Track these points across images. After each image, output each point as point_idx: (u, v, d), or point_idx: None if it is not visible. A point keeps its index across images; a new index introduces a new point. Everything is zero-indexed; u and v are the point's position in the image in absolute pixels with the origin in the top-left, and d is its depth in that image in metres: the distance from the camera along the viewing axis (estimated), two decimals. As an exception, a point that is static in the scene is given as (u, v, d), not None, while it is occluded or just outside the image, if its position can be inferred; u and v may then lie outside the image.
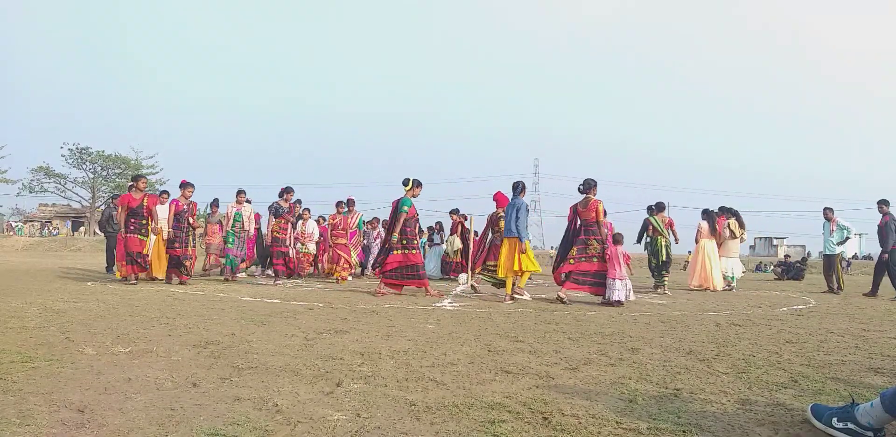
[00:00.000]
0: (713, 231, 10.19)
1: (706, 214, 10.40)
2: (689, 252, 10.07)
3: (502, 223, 7.61)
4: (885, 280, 9.94)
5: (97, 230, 44.49)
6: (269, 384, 2.55)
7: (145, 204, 8.67)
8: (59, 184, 47.04)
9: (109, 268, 11.30)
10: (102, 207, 47.83)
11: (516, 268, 7.10)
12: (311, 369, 2.86)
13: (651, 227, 9.74)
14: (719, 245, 10.27)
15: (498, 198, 8.25)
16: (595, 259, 7.13)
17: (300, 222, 10.65)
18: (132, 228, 8.52)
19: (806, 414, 2.23)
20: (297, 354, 3.23)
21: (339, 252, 10.10)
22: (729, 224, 10.31)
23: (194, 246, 9.43)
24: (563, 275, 7.33)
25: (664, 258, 9.56)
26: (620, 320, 5.42)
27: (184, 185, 9.30)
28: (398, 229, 7.35)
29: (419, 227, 9.21)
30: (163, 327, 4.07)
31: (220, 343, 3.47)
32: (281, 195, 10.23)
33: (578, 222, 7.48)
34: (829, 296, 9.82)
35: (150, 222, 8.73)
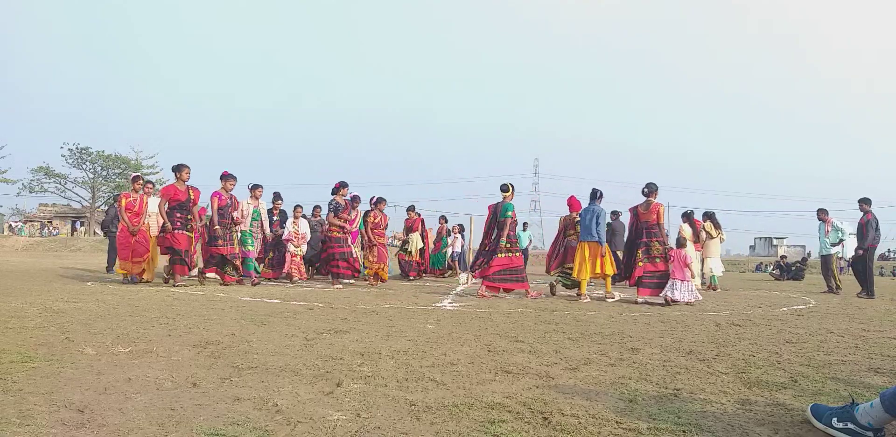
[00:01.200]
0: (694, 233, 10.57)
1: (686, 216, 10.88)
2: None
3: (578, 227, 8.09)
4: (885, 280, 9.98)
5: (97, 230, 44.51)
6: (269, 384, 2.55)
7: (192, 197, 8.00)
8: (60, 184, 47.09)
9: (110, 268, 11.29)
10: (104, 207, 47.90)
11: (598, 271, 7.60)
12: (311, 369, 2.86)
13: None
14: (701, 247, 10.79)
15: (571, 202, 8.48)
16: (658, 260, 7.47)
17: (290, 220, 10.14)
18: (179, 224, 7.82)
19: (806, 414, 2.23)
20: (297, 354, 3.23)
21: (382, 252, 9.51)
22: (704, 227, 10.85)
23: (241, 244, 8.64)
24: (636, 279, 7.61)
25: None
26: (620, 320, 5.42)
27: (225, 177, 8.40)
28: (506, 233, 7.60)
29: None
30: (163, 327, 4.07)
31: (220, 343, 3.47)
32: (336, 191, 9.26)
33: (638, 225, 7.84)
34: (829, 296, 9.84)
35: (195, 218, 8.14)
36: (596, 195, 7.96)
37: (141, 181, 8.89)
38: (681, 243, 7.69)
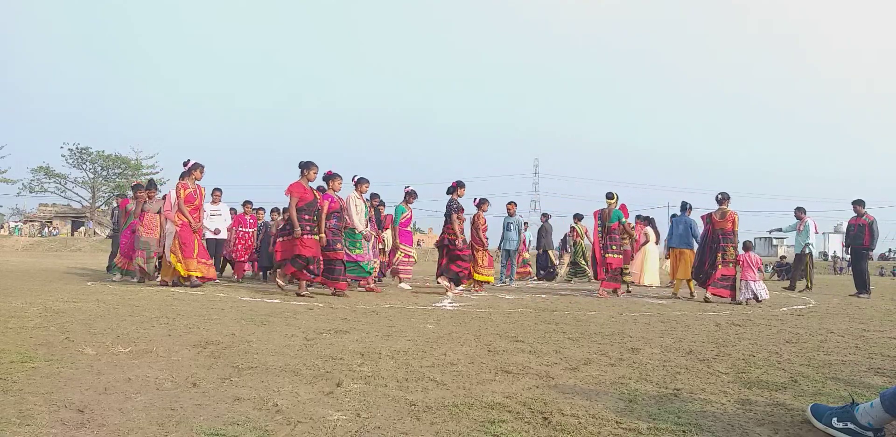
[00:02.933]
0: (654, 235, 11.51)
1: (648, 220, 11.67)
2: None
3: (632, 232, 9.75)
4: (886, 280, 10.03)
5: (97, 230, 44.47)
6: (269, 384, 2.55)
7: (318, 197, 7.23)
8: (60, 184, 47.11)
9: (110, 268, 11.29)
10: (104, 207, 47.85)
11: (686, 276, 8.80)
12: (311, 369, 2.86)
13: (575, 232, 12.94)
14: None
15: (623, 209, 9.19)
16: (731, 264, 8.10)
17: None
18: (308, 227, 6.98)
19: (806, 414, 2.23)
20: (297, 354, 3.23)
21: (489, 255, 8.87)
22: (645, 232, 11.55)
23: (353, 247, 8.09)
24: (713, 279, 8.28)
25: (581, 258, 12.84)
26: (620, 320, 5.42)
27: (331, 176, 7.52)
28: (620, 236, 8.70)
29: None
30: (163, 327, 4.07)
31: (220, 343, 3.47)
32: (454, 190, 8.38)
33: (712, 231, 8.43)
34: (830, 296, 9.84)
35: (322, 222, 7.26)
36: (686, 207, 9.48)
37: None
38: (747, 246, 8.55)
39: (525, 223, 12.89)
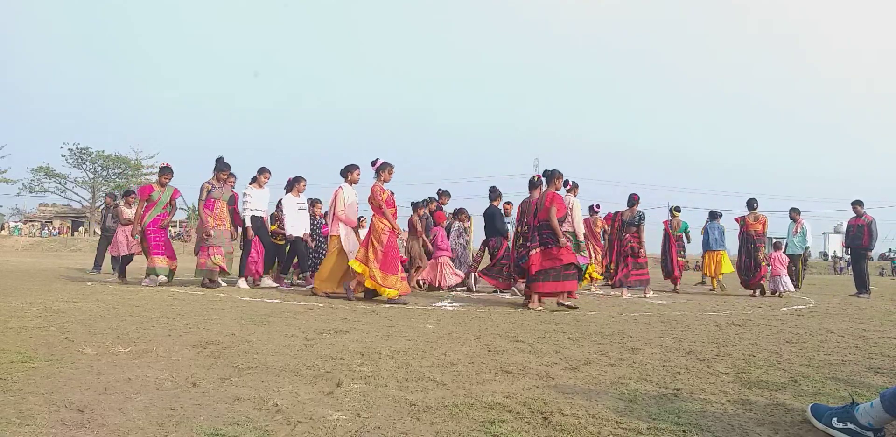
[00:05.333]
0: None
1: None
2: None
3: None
4: (886, 280, 10.05)
5: (97, 230, 44.51)
6: (269, 384, 2.55)
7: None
8: (60, 184, 47.10)
9: (97, 267, 11.18)
10: (103, 206, 47.83)
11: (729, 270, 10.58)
12: (311, 369, 2.86)
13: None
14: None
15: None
16: (765, 263, 9.65)
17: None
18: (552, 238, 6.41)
19: (806, 414, 2.23)
20: (297, 354, 3.23)
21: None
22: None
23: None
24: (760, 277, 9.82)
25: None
26: (620, 320, 5.42)
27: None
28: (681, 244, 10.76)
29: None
30: (163, 327, 4.07)
31: (220, 343, 3.47)
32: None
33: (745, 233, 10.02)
34: (829, 296, 9.85)
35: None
36: (717, 215, 11.12)
37: (389, 171, 6.97)
38: (777, 246, 10.10)
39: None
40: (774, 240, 10.40)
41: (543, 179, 6.72)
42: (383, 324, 4.59)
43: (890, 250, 48.53)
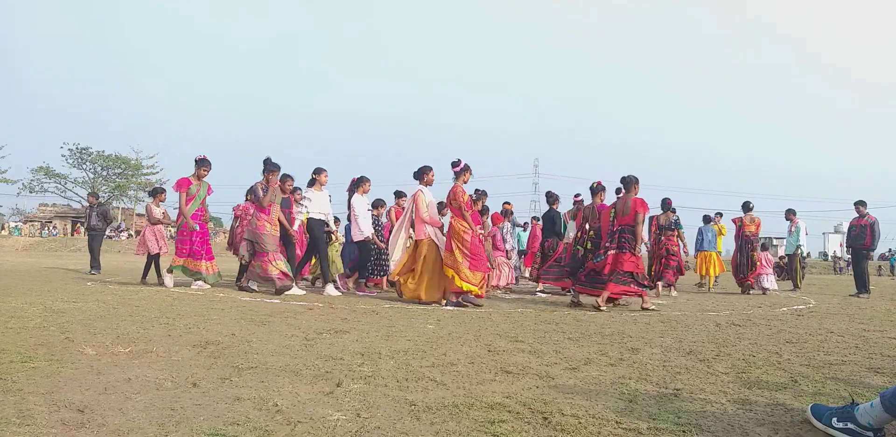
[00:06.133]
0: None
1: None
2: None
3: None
4: (885, 280, 10.06)
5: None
6: (269, 384, 2.55)
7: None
8: (60, 184, 47.10)
9: (95, 267, 10.95)
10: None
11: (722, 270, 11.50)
12: (311, 369, 2.86)
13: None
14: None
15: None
16: (759, 262, 10.27)
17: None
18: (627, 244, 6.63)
19: (806, 414, 2.23)
20: (297, 354, 3.23)
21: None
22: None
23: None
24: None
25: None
26: (620, 320, 5.42)
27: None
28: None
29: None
30: (163, 327, 4.07)
31: (220, 343, 3.47)
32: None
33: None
34: (829, 296, 9.85)
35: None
36: (710, 219, 11.56)
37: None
38: (764, 246, 10.80)
39: (525, 224, 12.86)
40: (762, 241, 11.09)
41: (604, 186, 7.72)
42: (383, 324, 4.59)
43: (890, 250, 48.52)
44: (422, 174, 6.89)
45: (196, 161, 7.49)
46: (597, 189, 7.67)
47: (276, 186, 7.28)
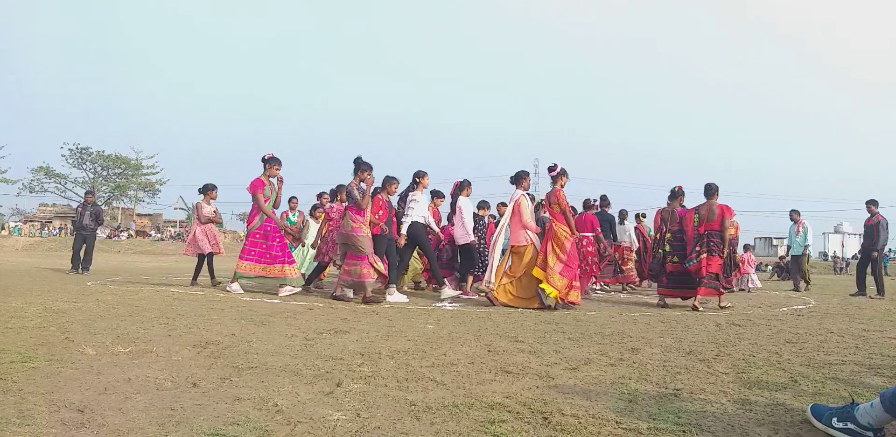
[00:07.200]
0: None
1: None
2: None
3: None
4: (885, 280, 10.06)
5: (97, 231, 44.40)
6: (269, 384, 2.55)
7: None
8: (60, 184, 47.08)
9: (80, 267, 10.66)
10: (104, 207, 47.81)
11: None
12: (311, 369, 2.86)
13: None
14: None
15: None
16: (741, 264, 10.50)
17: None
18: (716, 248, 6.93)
19: (806, 414, 2.23)
20: (297, 354, 3.23)
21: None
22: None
23: None
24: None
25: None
26: (620, 320, 5.42)
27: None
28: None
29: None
30: (163, 327, 4.07)
31: (220, 343, 3.47)
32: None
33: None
34: (829, 296, 9.85)
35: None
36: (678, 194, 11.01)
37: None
38: (746, 248, 11.46)
39: None
40: (747, 243, 11.93)
41: (684, 191, 8.02)
42: (383, 324, 4.60)
43: (890, 250, 48.54)
44: (520, 179, 6.84)
45: (265, 160, 7.01)
46: (677, 193, 8.02)
47: (371, 187, 6.80)
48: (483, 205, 8.62)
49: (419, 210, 7.25)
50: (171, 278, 10.01)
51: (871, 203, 10.15)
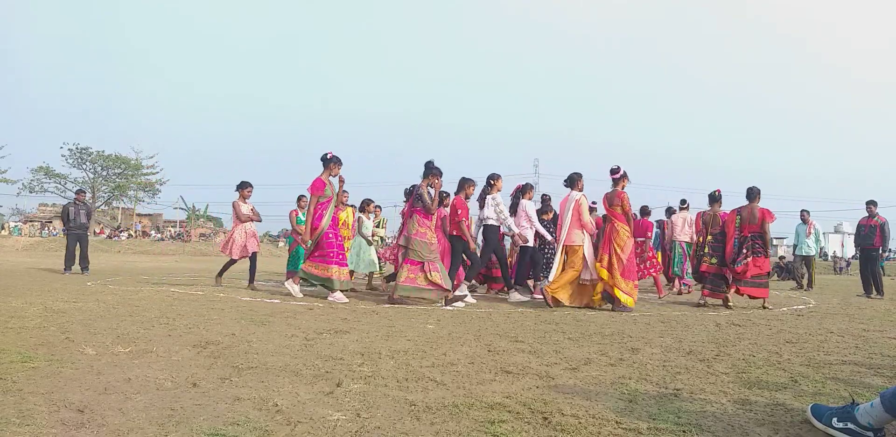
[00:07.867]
0: None
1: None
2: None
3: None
4: (885, 280, 10.07)
5: (95, 230, 44.41)
6: (269, 384, 2.55)
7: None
8: (60, 184, 47.05)
9: (80, 267, 10.66)
10: (104, 207, 47.85)
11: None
12: (311, 369, 2.86)
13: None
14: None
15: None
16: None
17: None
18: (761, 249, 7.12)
19: (806, 414, 2.23)
20: (297, 354, 3.23)
21: None
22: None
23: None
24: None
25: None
26: (620, 320, 5.42)
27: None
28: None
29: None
30: (163, 327, 4.07)
31: (220, 343, 3.47)
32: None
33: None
34: (829, 296, 9.85)
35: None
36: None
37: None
38: None
39: None
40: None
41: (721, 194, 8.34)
42: (383, 324, 4.60)
43: (890, 250, 48.57)
44: (574, 181, 6.89)
45: (326, 159, 6.78)
46: (717, 197, 8.35)
47: (439, 191, 6.74)
48: (547, 209, 8.84)
49: (507, 213, 7.36)
50: (171, 278, 10.01)
51: (872, 204, 10.16)
